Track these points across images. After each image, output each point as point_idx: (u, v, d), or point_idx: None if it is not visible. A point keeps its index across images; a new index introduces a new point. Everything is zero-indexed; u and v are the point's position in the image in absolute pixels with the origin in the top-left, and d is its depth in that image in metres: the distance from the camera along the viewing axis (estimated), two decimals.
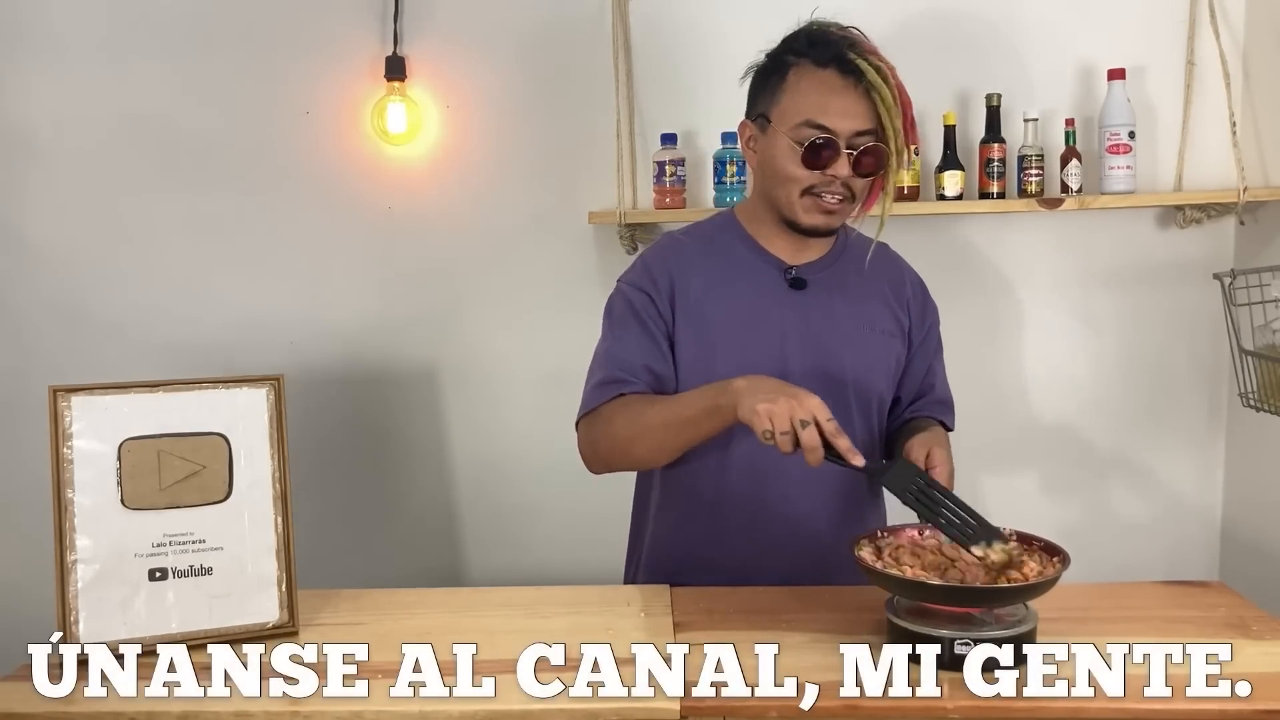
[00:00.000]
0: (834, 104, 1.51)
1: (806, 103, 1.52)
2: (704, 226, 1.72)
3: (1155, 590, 1.53)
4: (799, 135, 1.52)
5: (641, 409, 1.53)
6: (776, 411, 1.31)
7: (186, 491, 1.36)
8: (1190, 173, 2.41)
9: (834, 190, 1.54)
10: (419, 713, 1.16)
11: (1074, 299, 2.50)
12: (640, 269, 1.66)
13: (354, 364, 2.55)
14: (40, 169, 2.51)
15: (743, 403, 1.36)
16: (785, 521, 1.61)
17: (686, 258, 1.65)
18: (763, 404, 1.32)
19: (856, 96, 1.51)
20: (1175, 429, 2.51)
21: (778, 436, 1.31)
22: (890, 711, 1.16)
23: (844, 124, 1.51)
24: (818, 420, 1.31)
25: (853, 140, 1.52)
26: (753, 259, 1.64)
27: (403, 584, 1.64)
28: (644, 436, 1.52)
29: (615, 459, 1.58)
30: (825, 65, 1.52)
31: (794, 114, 1.53)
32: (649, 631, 1.37)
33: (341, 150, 2.49)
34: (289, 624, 1.38)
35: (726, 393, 1.40)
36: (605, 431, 1.55)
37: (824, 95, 1.52)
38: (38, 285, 2.53)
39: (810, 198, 1.55)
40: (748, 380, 1.40)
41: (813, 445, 1.31)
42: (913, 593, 1.27)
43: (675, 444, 1.53)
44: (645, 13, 2.45)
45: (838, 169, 1.52)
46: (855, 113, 1.51)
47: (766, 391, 1.35)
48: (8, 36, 2.47)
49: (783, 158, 1.55)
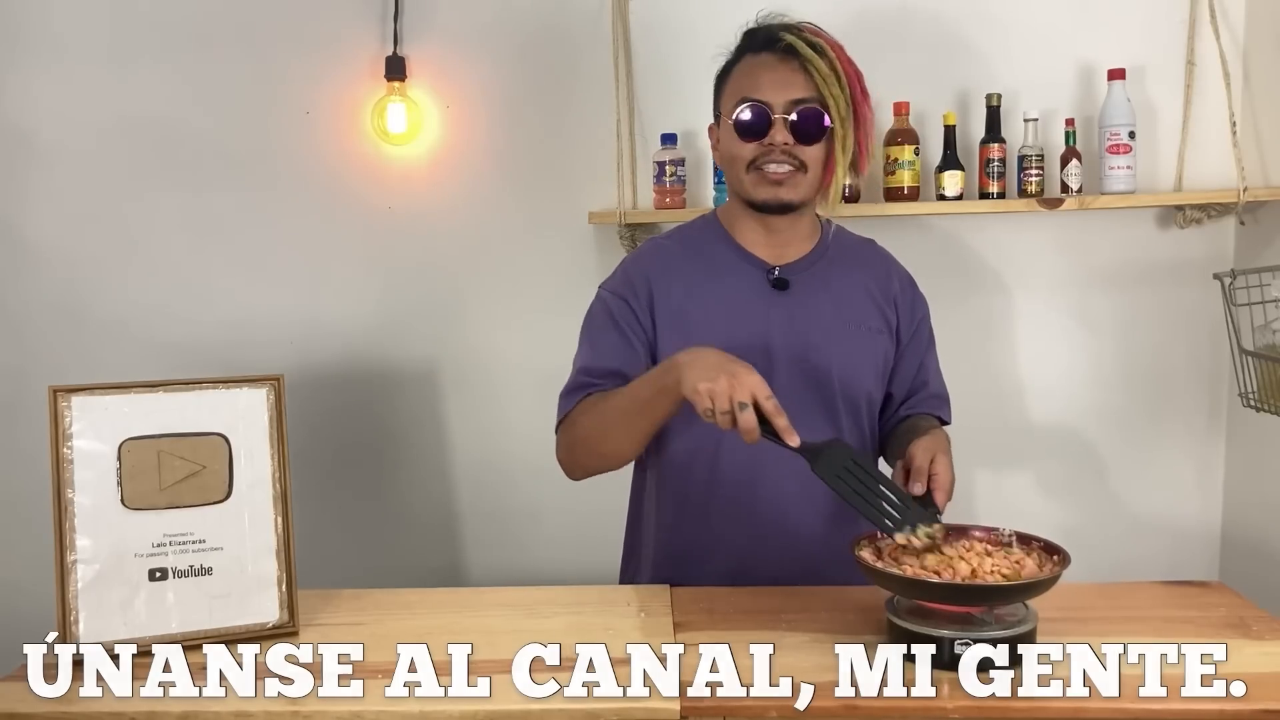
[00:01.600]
0: (765, 78, 1.57)
1: (743, 83, 1.59)
2: (686, 229, 1.73)
3: (1155, 590, 1.53)
4: (737, 113, 1.57)
5: (602, 404, 1.54)
6: (716, 391, 1.32)
7: (186, 491, 1.36)
8: (1190, 173, 2.41)
9: (775, 159, 1.56)
10: (418, 712, 1.16)
11: (1074, 299, 2.50)
12: (620, 276, 1.68)
13: (354, 364, 2.55)
14: (40, 169, 2.51)
15: (685, 380, 1.36)
16: (778, 520, 1.61)
17: (668, 262, 1.66)
18: (704, 383, 1.33)
19: (790, 70, 1.56)
20: (1175, 429, 2.51)
21: (717, 416, 1.32)
22: (889, 711, 1.16)
23: (777, 94, 1.55)
24: (756, 399, 1.32)
25: (788, 109, 1.55)
26: (735, 260, 1.65)
27: (403, 584, 1.64)
28: (608, 430, 1.53)
29: (589, 460, 1.59)
30: (760, 50, 1.59)
31: (734, 96, 1.59)
32: (648, 632, 1.37)
33: (341, 150, 2.49)
34: (289, 624, 1.38)
35: (671, 370, 1.40)
36: (574, 435, 1.57)
37: (757, 72, 1.58)
38: (38, 285, 2.53)
39: (755, 172, 1.58)
40: (689, 354, 1.40)
41: (748, 428, 1.31)
42: (913, 592, 1.27)
43: (637, 430, 1.53)
44: (645, 13, 2.45)
45: (774, 136, 1.55)
46: (790, 83, 1.56)
47: (707, 368, 1.35)
48: (8, 36, 2.47)
49: (728, 140, 1.60)
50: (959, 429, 1.75)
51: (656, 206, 2.40)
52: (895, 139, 2.34)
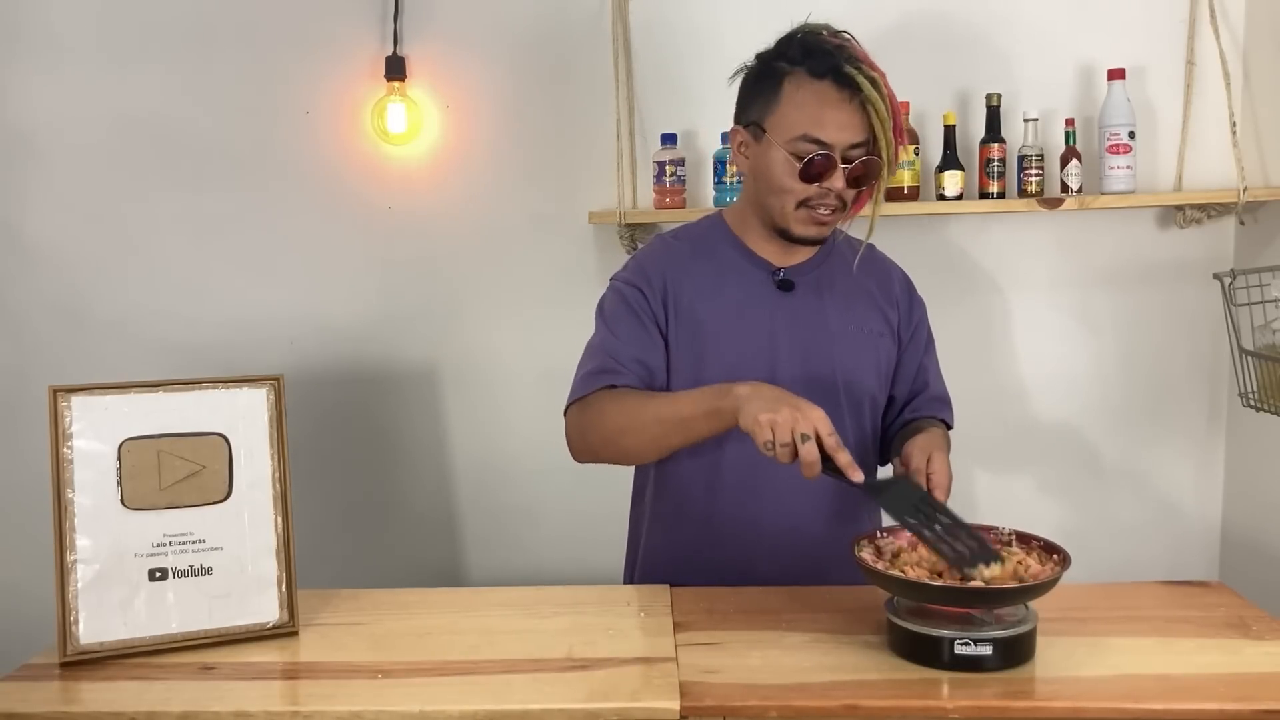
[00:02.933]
0: (830, 118, 1.51)
1: (803, 116, 1.52)
2: (692, 229, 1.73)
3: (1155, 590, 1.53)
4: (796, 149, 1.52)
5: (637, 403, 1.53)
6: (779, 422, 1.31)
7: (186, 491, 1.36)
8: (1190, 173, 2.41)
9: (829, 202, 1.55)
10: (418, 713, 1.16)
11: (1074, 299, 2.50)
12: (635, 268, 1.67)
13: (354, 363, 2.55)
14: (40, 169, 2.51)
15: (745, 410, 1.35)
16: (779, 523, 1.61)
17: (679, 259, 1.66)
18: (765, 414, 1.32)
19: (852, 110, 1.51)
20: (1175, 429, 2.51)
21: (778, 448, 1.31)
22: (890, 711, 1.16)
23: (840, 137, 1.52)
24: (818, 434, 1.31)
25: (847, 153, 1.53)
26: (741, 261, 1.65)
27: (403, 584, 1.64)
28: (637, 430, 1.52)
29: (604, 450, 1.57)
30: (821, 77, 1.52)
31: (791, 127, 1.53)
32: (649, 631, 1.37)
33: (341, 150, 2.49)
34: (289, 624, 1.38)
35: (729, 397, 1.39)
36: (596, 421, 1.55)
37: (821, 109, 1.52)
38: (38, 285, 2.54)
39: (805, 210, 1.56)
40: (752, 387, 1.39)
41: (811, 460, 1.30)
42: (913, 593, 1.27)
43: (668, 442, 1.53)
44: (645, 13, 2.45)
45: (833, 182, 1.53)
46: (851, 125, 1.52)
47: (769, 400, 1.35)
48: (7, 36, 2.47)
49: (779, 170, 1.55)
50: (959, 428, 1.75)
51: (656, 206, 2.40)
52: None
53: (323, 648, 1.34)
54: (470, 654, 1.30)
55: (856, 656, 1.27)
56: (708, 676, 1.22)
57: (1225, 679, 1.20)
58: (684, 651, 1.29)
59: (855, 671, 1.23)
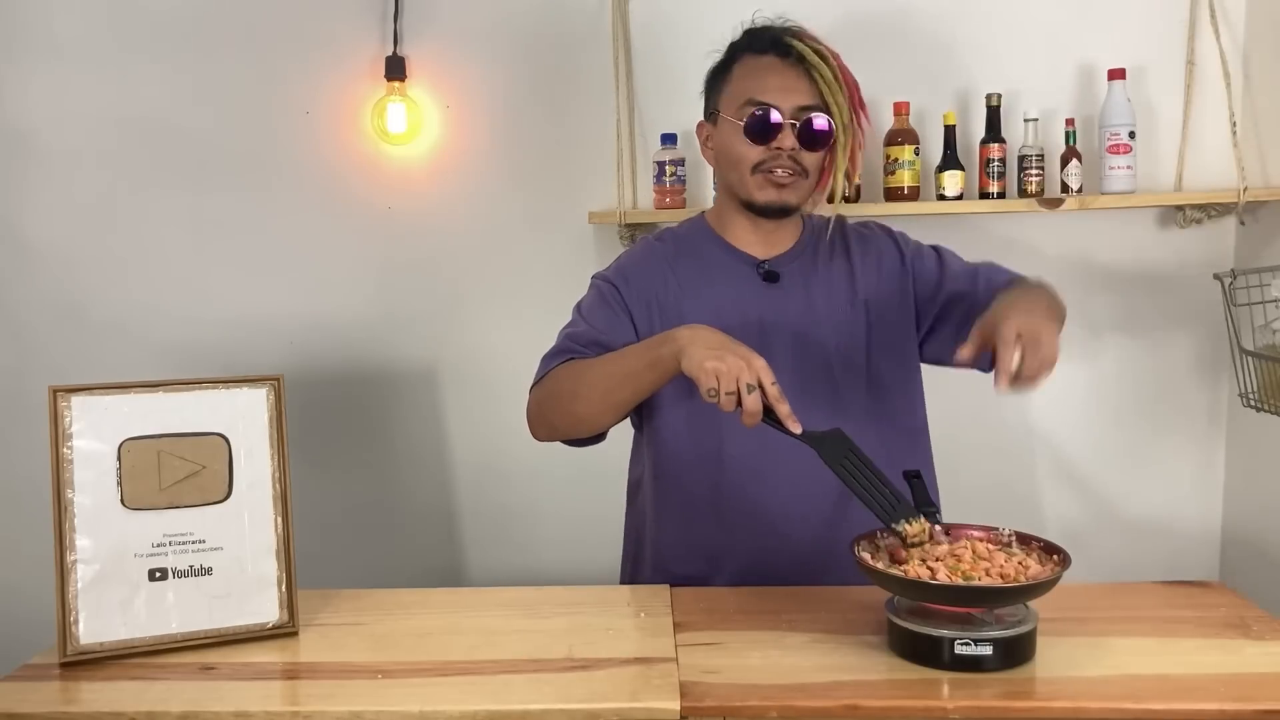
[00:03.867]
0: (773, 81, 1.57)
1: (747, 84, 1.59)
2: (676, 230, 1.75)
3: (1155, 590, 1.53)
4: (742, 114, 1.57)
5: (584, 366, 1.54)
6: (724, 371, 1.31)
7: (186, 491, 1.36)
8: (1190, 173, 2.41)
9: (782, 164, 1.57)
10: (418, 713, 1.16)
11: (1074, 299, 2.46)
12: (616, 268, 1.69)
13: (354, 363, 2.55)
14: (40, 169, 2.51)
15: (688, 355, 1.35)
16: (780, 522, 1.61)
17: (663, 260, 1.68)
18: (710, 361, 1.32)
19: (796, 75, 1.57)
20: (1175, 429, 2.51)
21: (722, 396, 1.31)
22: (890, 711, 1.16)
23: (785, 99, 1.56)
24: (762, 383, 1.31)
25: (795, 114, 1.56)
26: (725, 258, 1.66)
27: (403, 584, 1.64)
28: (586, 392, 1.52)
29: (559, 419, 1.58)
30: (764, 52, 1.60)
31: (738, 97, 1.59)
32: (649, 632, 1.37)
33: (341, 150, 2.49)
34: (289, 624, 1.38)
35: (669, 343, 1.39)
36: (550, 393, 1.57)
37: (763, 75, 1.58)
38: (38, 285, 2.54)
39: (760, 174, 1.59)
40: (691, 330, 1.39)
41: (754, 410, 1.31)
42: (913, 593, 1.27)
43: (617, 398, 1.52)
44: (645, 13, 2.45)
45: (782, 141, 1.56)
46: (795, 88, 1.57)
47: (713, 347, 1.34)
48: (7, 36, 2.47)
49: (730, 139, 1.60)
50: (959, 427, 1.75)
51: (656, 206, 2.40)
52: (895, 139, 2.34)
53: (323, 648, 1.34)
54: (470, 654, 1.30)
55: (856, 656, 1.27)
56: (708, 676, 1.21)
57: (1225, 679, 1.20)
58: (684, 651, 1.29)
59: (855, 671, 1.23)
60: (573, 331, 1.62)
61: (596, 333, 1.60)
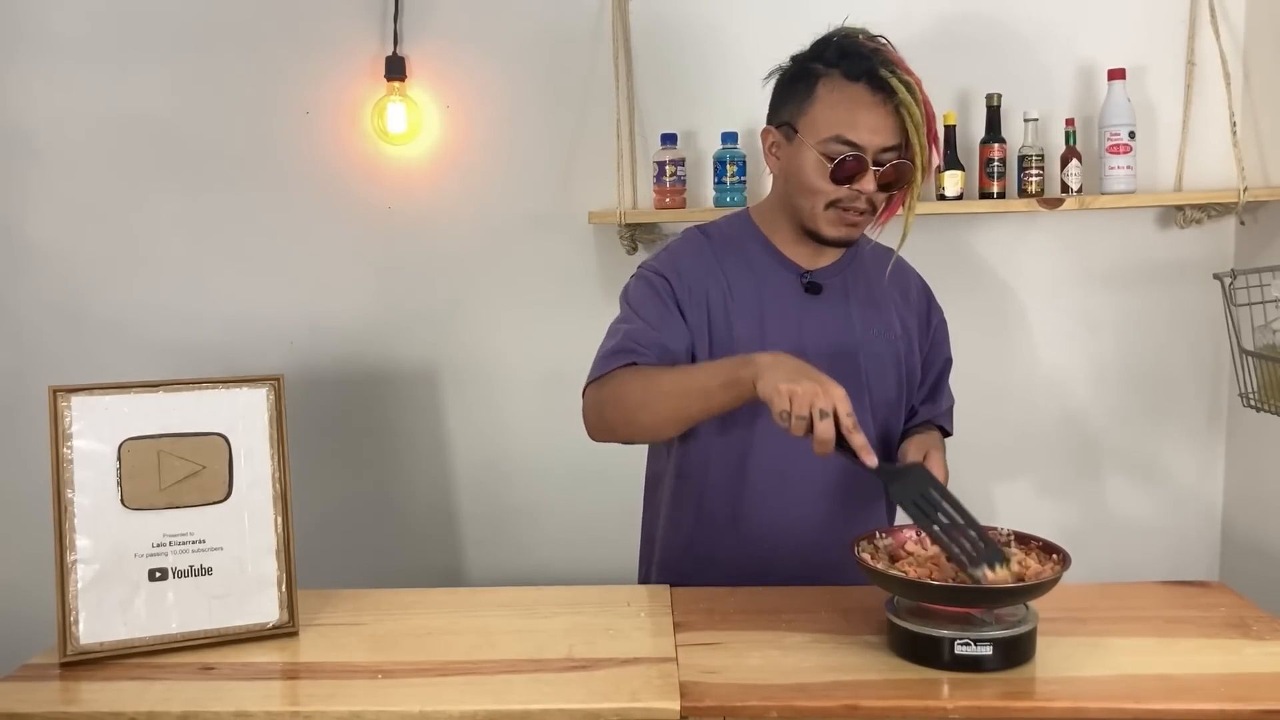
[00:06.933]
0: (864, 120, 1.51)
1: (836, 117, 1.52)
2: (722, 226, 1.71)
3: (1155, 590, 1.53)
4: (828, 150, 1.52)
5: (654, 375, 1.50)
6: (799, 394, 1.30)
7: (186, 491, 1.36)
8: (1190, 173, 2.41)
9: (858, 205, 1.54)
10: (418, 713, 1.16)
11: (1074, 299, 2.50)
12: (665, 258, 1.66)
13: (353, 363, 2.55)
14: (40, 169, 2.51)
15: (765, 377, 1.34)
16: (805, 524, 1.60)
17: (710, 256, 1.65)
18: (786, 384, 1.31)
19: (886, 113, 1.51)
20: (1175, 429, 2.51)
21: (793, 420, 1.30)
22: (890, 711, 1.16)
23: (872, 140, 1.51)
24: (837, 412, 1.30)
25: (879, 156, 1.52)
26: (770, 262, 1.64)
27: (403, 584, 1.64)
28: (654, 403, 1.49)
29: (620, 426, 1.55)
30: (856, 80, 1.52)
31: (823, 127, 1.52)
32: (649, 631, 1.37)
33: (341, 150, 2.49)
34: (289, 624, 1.38)
35: (749, 366, 1.38)
36: (613, 397, 1.52)
37: (854, 111, 1.51)
38: (38, 285, 2.54)
39: (835, 211, 1.55)
40: (773, 356, 1.38)
41: (825, 438, 1.29)
42: (913, 593, 1.27)
43: (686, 413, 1.50)
44: (645, 13, 2.45)
45: (864, 184, 1.52)
46: (884, 129, 1.51)
47: (791, 371, 1.34)
48: (7, 36, 2.47)
49: (810, 170, 1.54)
50: (959, 427, 1.76)
51: (656, 206, 2.40)
52: None
53: (323, 648, 1.34)
54: (470, 654, 1.30)
55: (856, 656, 1.27)
56: (708, 676, 1.21)
57: (1225, 679, 1.20)
58: (684, 651, 1.29)
59: (855, 671, 1.23)
60: (630, 329, 1.57)
61: (655, 333, 1.56)
